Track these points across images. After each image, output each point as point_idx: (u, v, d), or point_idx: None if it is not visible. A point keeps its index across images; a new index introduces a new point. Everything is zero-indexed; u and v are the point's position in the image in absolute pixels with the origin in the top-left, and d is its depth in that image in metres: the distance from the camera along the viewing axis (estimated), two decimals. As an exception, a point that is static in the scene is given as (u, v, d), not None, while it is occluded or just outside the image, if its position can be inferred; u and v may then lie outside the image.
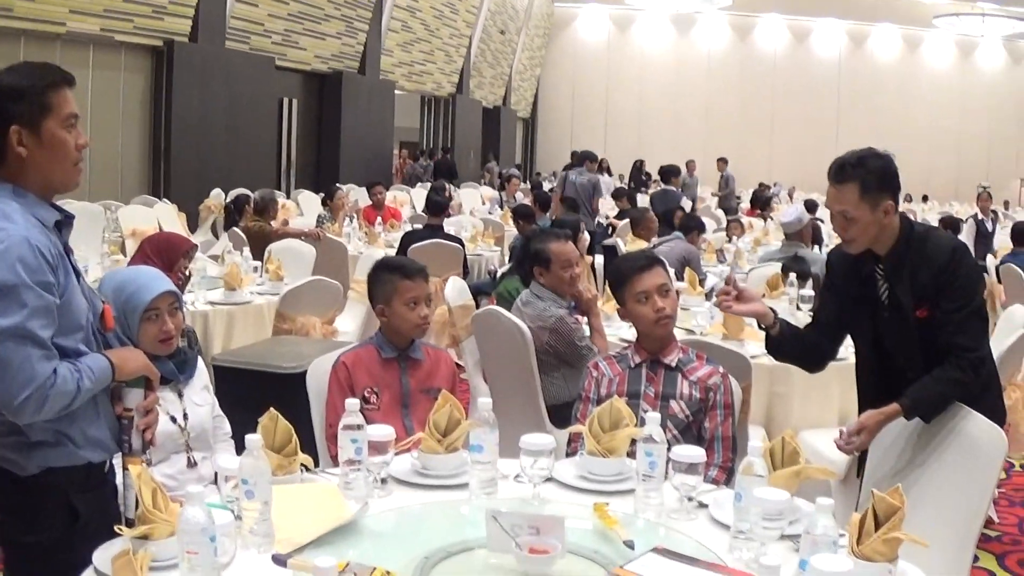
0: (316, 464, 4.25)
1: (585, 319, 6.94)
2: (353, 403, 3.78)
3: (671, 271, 6.19)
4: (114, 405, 3.61)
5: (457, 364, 6.01)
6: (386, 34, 30.09)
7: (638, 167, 31.06)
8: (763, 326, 5.17)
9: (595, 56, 48.19)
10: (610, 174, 25.54)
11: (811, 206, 20.51)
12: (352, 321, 9.72)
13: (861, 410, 5.00)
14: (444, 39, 34.96)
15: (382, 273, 5.35)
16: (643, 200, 21.65)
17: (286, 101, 25.36)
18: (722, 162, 25.49)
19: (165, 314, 4.39)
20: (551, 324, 6.60)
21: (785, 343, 5.20)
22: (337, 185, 18.25)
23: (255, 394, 5.24)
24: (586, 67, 48.12)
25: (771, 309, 5.14)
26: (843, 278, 5.09)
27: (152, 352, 4.10)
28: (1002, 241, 18.13)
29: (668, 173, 19.42)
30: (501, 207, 21.94)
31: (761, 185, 30.94)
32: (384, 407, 4.99)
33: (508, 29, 41.73)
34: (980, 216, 19.34)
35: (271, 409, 3.82)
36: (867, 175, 4.69)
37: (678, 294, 6.13)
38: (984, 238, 18.36)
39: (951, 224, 15.04)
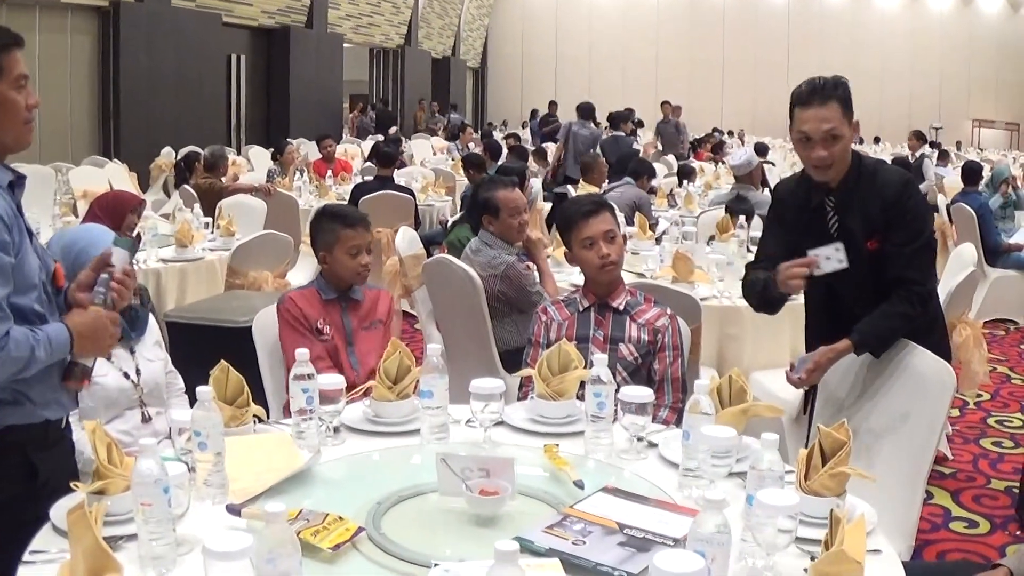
0: (268, 416, 4.26)
1: (535, 265, 6.96)
2: (303, 353, 3.78)
3: (620, 216, 6.22)
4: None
5: (408, 313, 6.04)
6: (332, -13, 29.88)
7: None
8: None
9: (544, 4, 47.99)
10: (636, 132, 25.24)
11: (761, 149, 20.56)
12: (303, 274, 9.71)
13: (808, 347, 5.04)
14: (391, -10, 34.82)
15: (324, 221, 5.40)
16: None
17: (234, 57, 25.19)
18: (667, 105, 25.23)
19: None
20: (501, 271, 6.61)
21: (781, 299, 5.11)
22: (287, 140, 18.12)
23: (209, 349, 5.19)
24: (535, 15, 47.94)
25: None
26: (793, 210, 5.08)
27: None
28: (952, 180, 18.25)
29: (618, 119, 19.39)
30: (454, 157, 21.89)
31: (713, 130, 31.01)
32: (331, 341, 5.13)
33: (457, -22, 41.61)
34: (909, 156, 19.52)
35: (222, 361, 3.82)
36: (845, 93, 4.76)
37: (626, 239, 6.14)
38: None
39: (902, 164, 15.08)
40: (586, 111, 18.48)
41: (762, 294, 4.97)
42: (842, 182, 4.83)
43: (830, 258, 4.60)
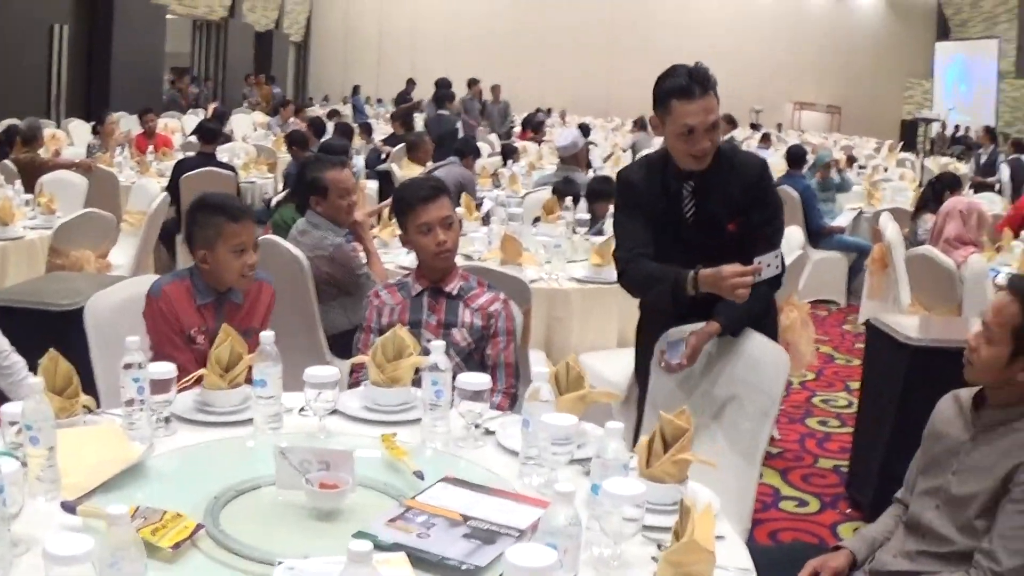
0: (98, 405, 4.14)
1: (362, 247, 6.90)
2: (133, 341, 3.65)
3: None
4: None
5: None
6: (158, -44, 29.34)
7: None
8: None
9: (369, -23, 47.76)
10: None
11: (585, 130, 20.67)
12: (124, 254, 9.52)
13: (648, 329, 5.04)
14: (218, -39, 34.35)
15: (203, 214, 4.84)
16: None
17: (56, 27, 24.58)
18: (478, 86, 25.09)
19: None
20: (329, 253, 6.54)
21: None
22: (109, 112, 17.71)
23: (32, 334, 5.06)
24: (360, -11, 47.69)
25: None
26: (647, 196, 5.03)
27: None
28: (775, 163, 18.54)
29: (442, 97, 19.34)
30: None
31: (537, 110, 31.09)
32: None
33: (282, -49, 41.19)
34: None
35: (51, 350, 3.71)
36: (715, 85, 4.79)
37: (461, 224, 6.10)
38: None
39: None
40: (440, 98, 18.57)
41: (673, 292, 4.77)
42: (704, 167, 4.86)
43: (770, 265, 4.62)
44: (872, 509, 6.02)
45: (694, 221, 4.91)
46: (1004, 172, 18.70)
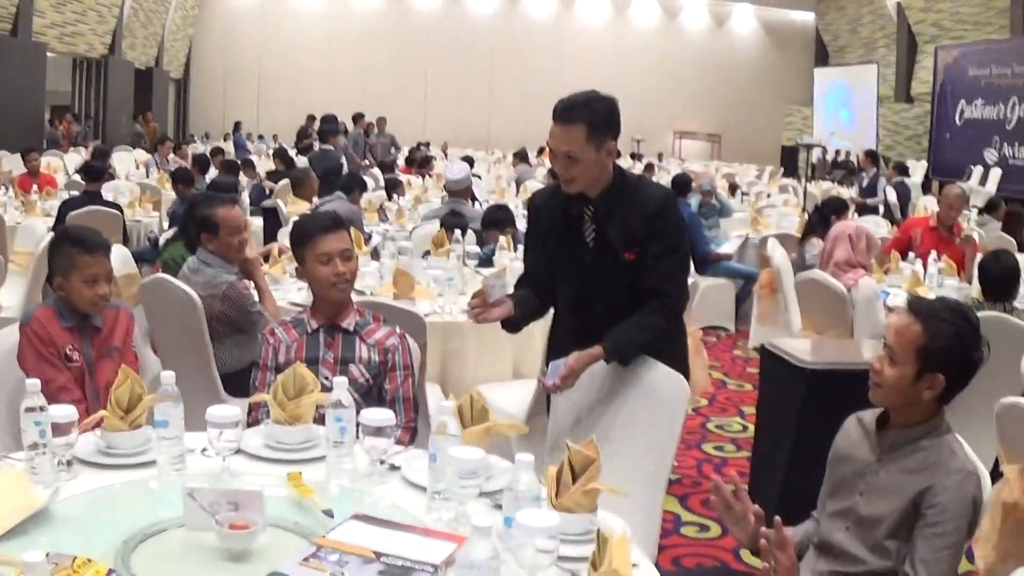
0: (-4, 449, 4.08)
1: (252, 283, 6.86)
2: (34, 383, 3.60)
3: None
4: None
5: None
6: (38, -8, 28.98)
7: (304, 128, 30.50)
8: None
9: (248, 15, 47.35)
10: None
11: (470, 163, 20.74)
12: (12, 295, 9.39)
13: (552, 354, 5.06)
14: (97, -2, 33.97)
15: (63, 245, 5.04)
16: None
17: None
18: (366, 120, 25.13)
19: None
20: (222, 291, 6.47)
21: (523, 320, 5.23)
22: (-4, 152, 17.48)
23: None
24: (239, 27, 47.25)
25: (508, 298, 5.12)
26: (549, 218, 5.15)
27: None
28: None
29: (327, 132, 19.30)
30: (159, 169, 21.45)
31: (419, 144, 31.10)
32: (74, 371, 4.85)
33: (163, -13, 40.84)
34: None
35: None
36: (594, 116, 4.79)
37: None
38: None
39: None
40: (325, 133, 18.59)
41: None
42: (603, 194, 4.91)
43: (493, 286, 4.80)
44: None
45: (594, 246, 4.95)
46: (891, 194, 18.96)
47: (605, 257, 4.89)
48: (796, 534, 4.08)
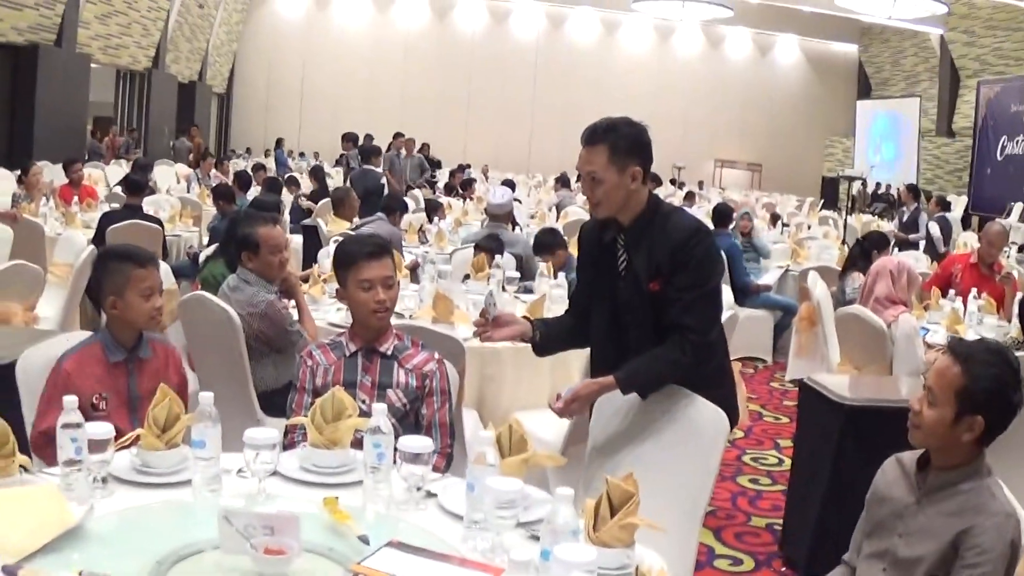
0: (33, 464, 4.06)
1: (293, 303, 6.86)
2: (71, 400, 3.60)
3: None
4: None
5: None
6: (84, 5, 28.96)
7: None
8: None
9: (293, 32, 47.55)
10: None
11: (511, 186, 20.73)
12: (51, 306, 9.40)
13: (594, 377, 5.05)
14: (142, 11, 33.85)
15: (112, 262, 4.93)
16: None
17: (-22, 76, 24.33)
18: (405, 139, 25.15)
19: None
20: (261, 309, 6.47)
21: (550, 343, 5.25)
22: (33, 161, 17.43)
23: (-43, 390, 4.98)
24: (283, 43, 47.47)
25: (526, 318, 5.18)
26: (589, 245, 5.18)
27: None
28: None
29: (369, 153, 19.32)
30: (200, 186, 21.47)
31: (460, 167, 31.10)
32: (111, 413, 4.65)
33: (207, 3, 40.88)
34: None
35: (-16, 407, 3.64)
36: (618, 139, 4.78)
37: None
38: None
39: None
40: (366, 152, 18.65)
41: None
42: (634, 222, 4.89)
43: (491, 304, 4.98)
44: (807, 567, 6.05)
45: (625, 275, 4.94)
46: (934, 229, 18.85)
47: (634, 286, 4.87)
48: None
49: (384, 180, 18.88)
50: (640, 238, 4.87)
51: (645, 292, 4.82)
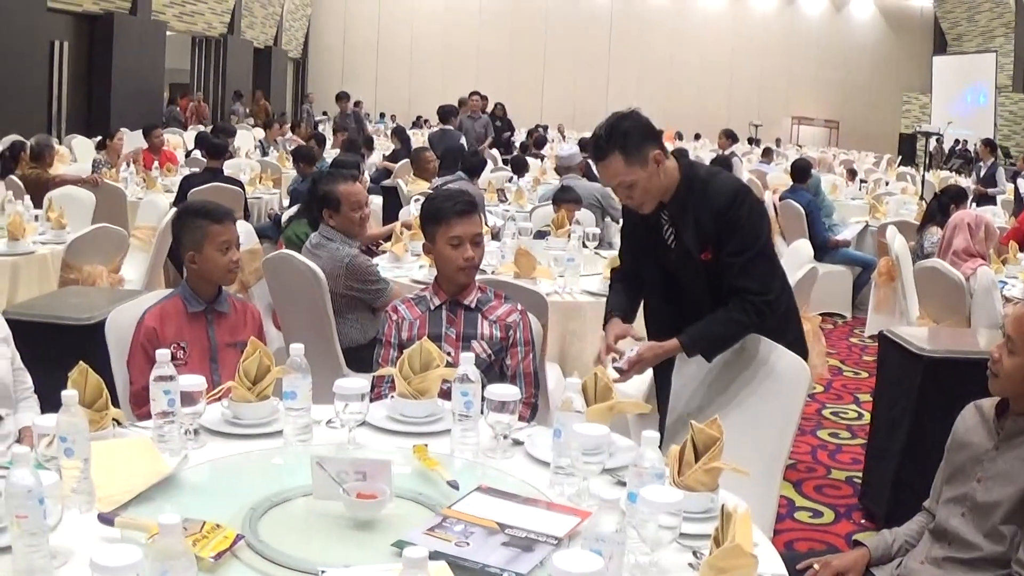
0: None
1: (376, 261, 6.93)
2: (164, 354, 3.66)
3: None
4: None
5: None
6: (157, -28, 29.23)
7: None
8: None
9: (367, -6, 47.72)
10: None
11: (584, 144, 20.68)
12: (134, 269, 9.53)
13: (650, 339, 5.08)
14: (216, -23, 34.21)
15: (190, 219, 5.09)
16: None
17: (57, 44, 24.45)
18: (499, 105, 25.12)
19: None
20: (345, 263, 6.53)
21: (631, 315, 5.25)
22: (120, 128, 17.55)
23: (49, 348, 5.10)
24: (358, 6, 47.57)
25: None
26: (634, 225, 5.19)
27: None
28: (777, 177, 18.62)
29: (447, 113, 19.33)
30: (265, 152, 21.56)
31: (537, 126, 31.06)
32: (191, 362, 4.80)
33: (280, -34, 41.08)
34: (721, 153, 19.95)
35: (80, 363, 3.71)
36: (623, 140, 4.71)
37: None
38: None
39: (722, 162, 15.29)
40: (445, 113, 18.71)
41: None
42: (674, 196, 4.86)
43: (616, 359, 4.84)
44: (886, 519, 6.05)
45: (675, 248, 4.94)
46: (1022, 186, 18.67)
47: (687, 259, 4.86)
48: (905, 532, 4.10)
49: (463, 140, 18.89)
50: (684, 210, 4.85)
51: (698, 262, 4.83)
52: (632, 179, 4.72)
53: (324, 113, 41.03)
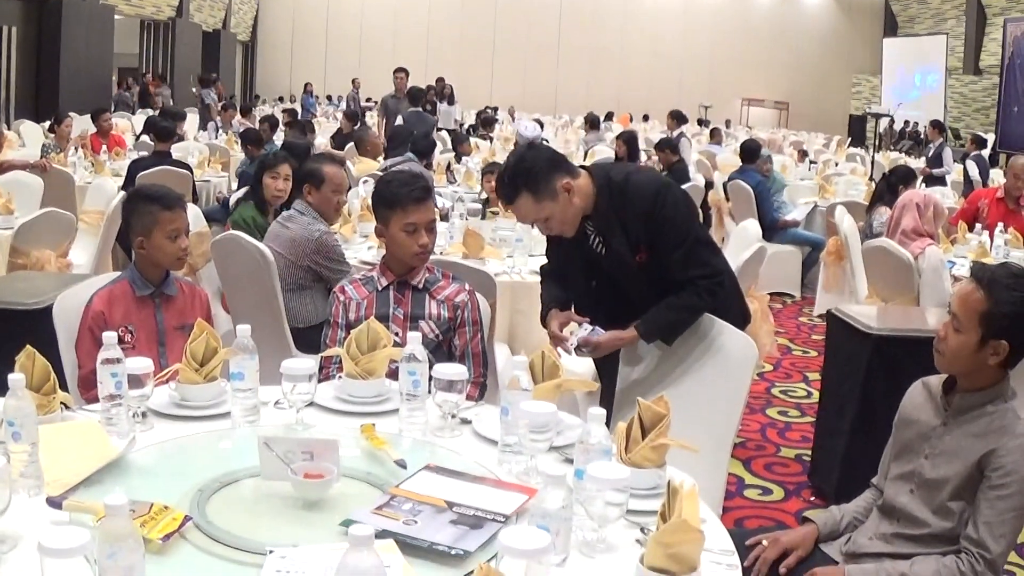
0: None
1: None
2: (111, 336, 3.65)
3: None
4: None
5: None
6: (105, -45, 29.06)
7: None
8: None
9: (316, -24, 47.58)
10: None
11: (540, 125, 20.72)
12: (83, 253, 9.48)
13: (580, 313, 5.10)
14: (163, -42, 34.06)
15: (140, 204, 5.05)
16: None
17: (5, 28, 24.27)
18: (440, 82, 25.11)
19: None
20: (316, 237, 6.52)
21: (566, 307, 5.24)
22: (70, 113, 17.43)
23: (-3, 332, 5.06)
24: (307, -12, 47.52)
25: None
26: (558, 241, 5.16)
27: None
28: (727, 159, 18.70)
29: (418, 96, 19.26)
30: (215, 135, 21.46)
31: (486, 108, 31.08)
32: (139, 345, 4.80)
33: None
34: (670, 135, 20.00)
35: (27, 347, 3.69)
36: (528, 178, 4.74)
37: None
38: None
39: (669, 143, 15.30)
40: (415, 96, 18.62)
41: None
42: (595, 208, 4.87)
43: (574, 332, 4.89)
44: (836, 496, 6.07)
45: (606, 255, 4.95)
46: (972, 169, 18.80)
47: (619, 263, 4.89)
48: (853, 509, 4.13)
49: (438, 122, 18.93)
50: (607, 219, 4.87)
51: (634, 264, 4.86)
52: (546, 214, 4.78)
53: (279, 99, 40.94)
